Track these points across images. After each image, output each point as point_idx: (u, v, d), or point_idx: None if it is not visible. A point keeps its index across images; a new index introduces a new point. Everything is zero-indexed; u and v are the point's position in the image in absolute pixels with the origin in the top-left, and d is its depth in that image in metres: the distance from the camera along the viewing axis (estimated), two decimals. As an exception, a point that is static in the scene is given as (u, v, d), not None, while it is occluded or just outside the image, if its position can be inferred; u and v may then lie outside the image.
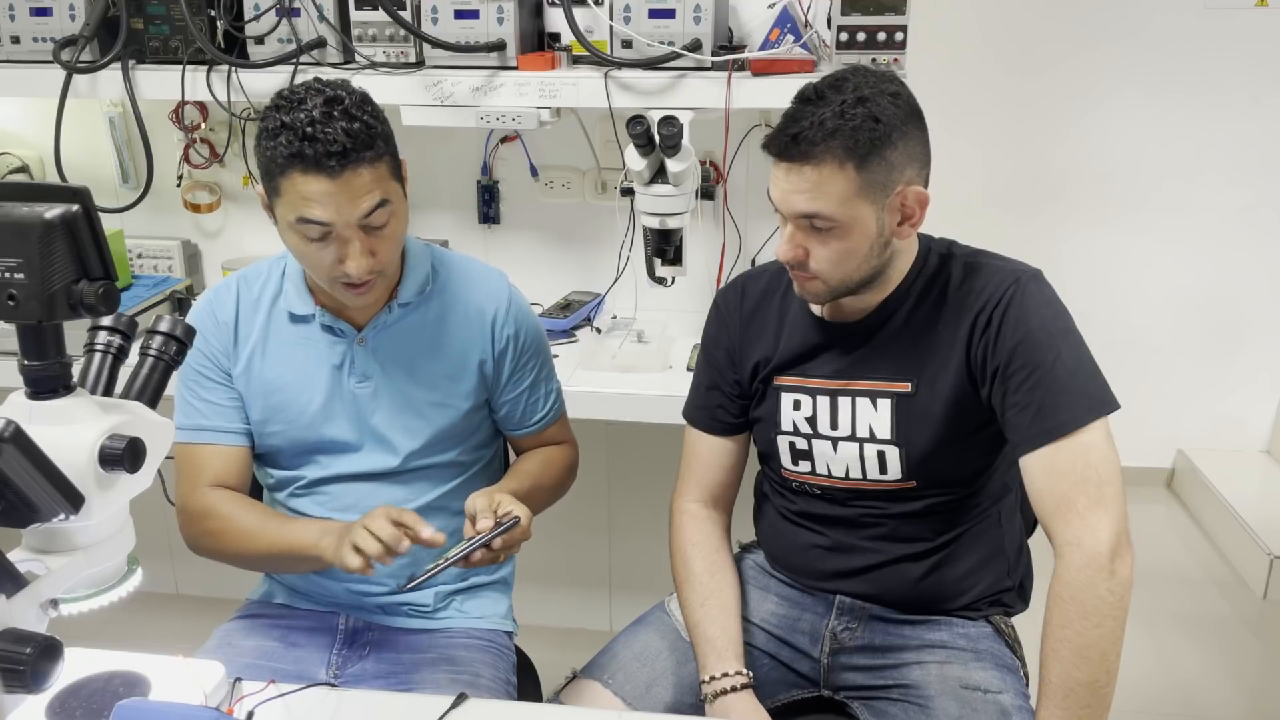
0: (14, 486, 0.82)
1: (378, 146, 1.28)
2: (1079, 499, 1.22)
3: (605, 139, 2.20)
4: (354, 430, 1.46)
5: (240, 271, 1.51)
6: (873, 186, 1.24)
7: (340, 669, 1.45)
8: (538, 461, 1.58)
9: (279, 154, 1.25)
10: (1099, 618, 1.19)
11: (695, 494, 1.52)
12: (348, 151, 1.24)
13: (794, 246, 1.30)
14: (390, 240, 1.34)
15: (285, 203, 1.28)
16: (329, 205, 1.26)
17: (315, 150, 1.23)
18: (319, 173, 1.24)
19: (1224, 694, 2.48)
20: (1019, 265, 1.35)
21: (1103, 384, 1.27)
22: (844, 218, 1.25)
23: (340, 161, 1.24)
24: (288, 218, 1.29)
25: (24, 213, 0.84)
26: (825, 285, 1.32)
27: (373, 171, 1.28)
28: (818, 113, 1.23)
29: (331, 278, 1.33)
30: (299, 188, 1.25)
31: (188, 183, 2.37)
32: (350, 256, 1.30)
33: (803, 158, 1.23)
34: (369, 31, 1.94)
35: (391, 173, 1.32)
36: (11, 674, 0.81)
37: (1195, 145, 3.13)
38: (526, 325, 1.53)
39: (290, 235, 1.32)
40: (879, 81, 1.26)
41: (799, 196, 1.25)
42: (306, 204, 1.26)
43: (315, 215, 1.26)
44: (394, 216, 1.33)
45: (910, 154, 1.26)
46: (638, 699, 1.41)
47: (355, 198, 1.27)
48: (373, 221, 1.30)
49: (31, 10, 1.99)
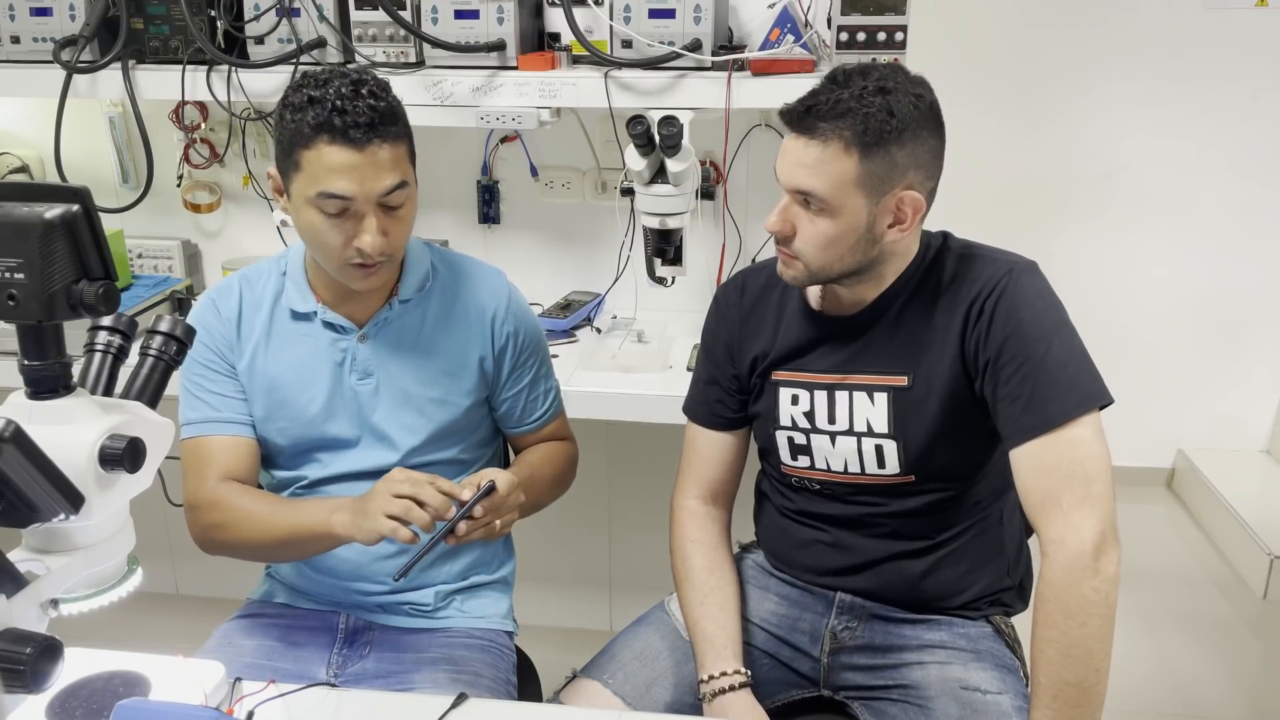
0: (14, 486, 0.82)
1: (400, 126, 1.32)
2: (1065, 495, 1.22)
3: (605, 139, 2.20)
4: (354, 427, 1.46)
5: (241, 271, 1.51)
6: (872, 179, 1.24)
7: (341, 668, 1.45)
8: (538, 454, 1.59)
9: (305, 125, 1.27)
10: (1084, 616, 1.19)
11: (695, 490, 1.52)
12: (374, 125, 1.27)
13: (783, 220, 1.31)
14: (403, 224, 1.36)
15: (306, 176, 1.30)
16: (352, 178, 1.28)
17: (344, 121, 1.26)
18: (345, 144, 1.27)
19: (1224, 694, 2.48)
20: (1013, 256, 1.35)
21: (1094, 377, 1.27)
22: (836, 202, 1.25)
23: (366, 134, 1.27)
24: (307, 192, 1.30)
25: (24, 213, 0.84)
26: (805, 268, 1.32)
27: (394, 150, 1.31)
28: (838, 92, 1.24)
29: (342, 259, 1.34)
30: (324, 158, 1.27)
31: (188, 183, 2.37)
32: (366, 231, 1.31)
33: (810, 131, 1.25)
34: (369, 31, 1.94)
35: (409, 157, 1.35)
36: (11, 674, 0.82)
37: (1195, 144, 3.13)
38: (526, 323, 1.54)
39: (306, 212, 1.32)
40: (908, 81, 1.27)
41: (800, 170, 1.26)
42: (329, 176, 1.28)
43: (338, 188, 1.28)
44: (409, 201, 1.36)
45: (917, 158, 1.26)
46: (638, 699, 1.41)
47: (378, 173, 1.29)
48: (390, 201, 1.32)
49: (31, 10, 1.99)
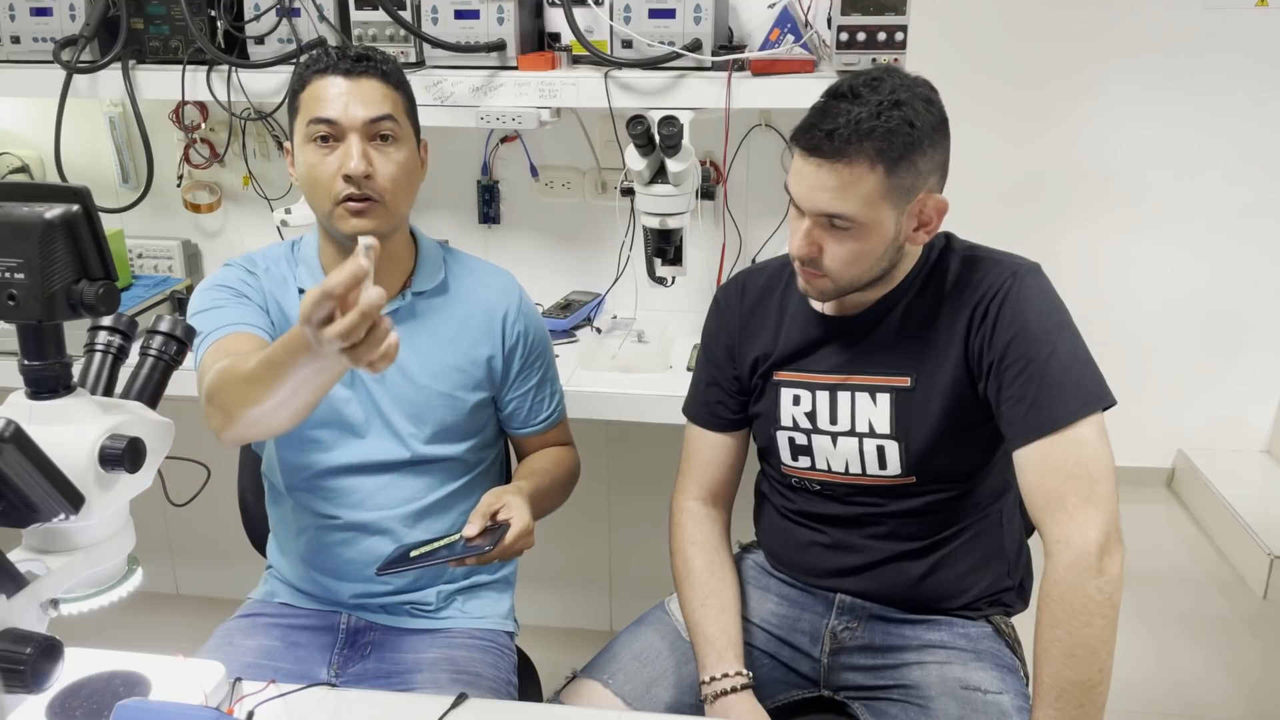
0: (14, 486, 0.82)
1: (395, 75, 1.41)
2: (1069, 496, 1.22)
3: (605, 139, 2.20)
4: (363, 412, 1.47)
5: (255, 251, 1.53)
6: (898, 191, 1.24)
7: (341, 669, 1.45)
8: (549, 459, 1.59)
9: (307, 69, 1.39)
10: (1088, 616, 1.19)
11: (695, 491, 1.52)
12: (366, 61, 1.38)
13: (809, 243, 1.29)
14: (392, 164, 1.39)
15: (303, 113, 1.38)
16: (339, 103, 1.36)
17: (338, 56, 1.38)
18: (337, 74, 1.37)
19: (1224, 694, 2.48)
20: (1017, 259, 1.35)
21: (1098, 379, 1.27)
22: (866, 219, 1.24)
23: (357, 66, 1.37)
24: (302, 129, 1.38)
25: (24, 213, 0.84)
26: (834, 284, 1.31)
27: (385, 88, 1.39)
28: (853, 111, 1.20)
29: (333, 195, 1.37)
30: (316, 91, 1.37)
31: (188, 183, 2.37)
32: (350, 155, 1.35)
33: (835, 155, 1.21)
34: (369, 31, 1.94)
35: (406, 108, 1.42)
36: (11, 674, 0.82)
37: (1195, 144, 3.13)
38: (535, 325, 1.56)
39: (302, 154, 1.39)
40: (914, 85, 1.25)
41: (824, 194, 1.24)
42: (319, 104, 1.36)
43: (325, 113, 1.36)
44: (402, 140, 1.40)
45: (936, 162, 1.26)
46: (638, 699, 1.41)
47: (365, 101, 1.36)
48: (379, 129, 1.37)
49: (31, 10, 1.99)
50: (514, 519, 1.29)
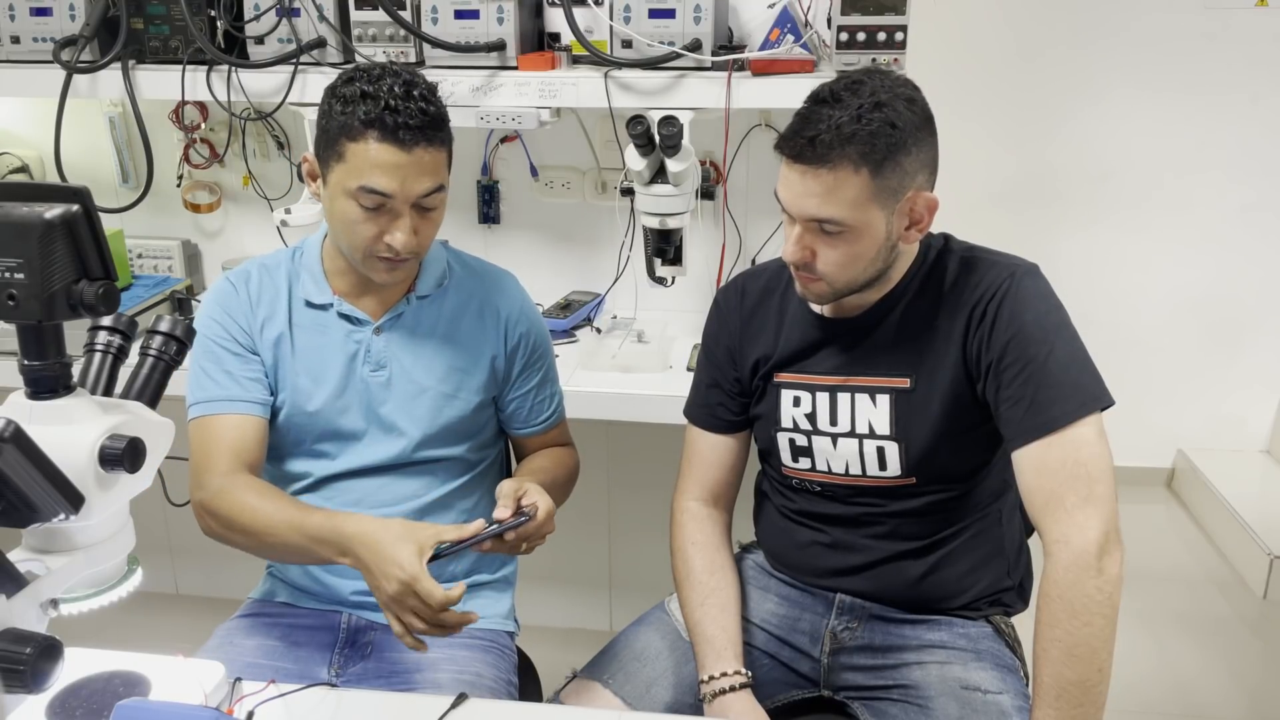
0: (14, 486, 0.82)
1: (445, 133, 1.36)
2: (1068, 496, 1.22)
3: (605, 139, 2.20)
4: (364, 419, 1.47)
5: (256, 258, 1.53)
6: (885, 192, 1.24)
7: (342, 668, 1.45)
8: (549, 459, 1.59)
9: (356, 119, 1.30)
10: (1088, 616, 1.19)
11: (695, 492, 1.52)
12: (424, 129, 1.31)
13: (801, 248, 1.29)
14: (433, 225, 1.40)
15: (348, 168, 1.32)
16: (395, 177, 1.31)
17: (395, 121, 1.29)
18: (394, 143, 1.30)
19: (1224, 694, 2.48)
20: (1015, 260, 1.36)
21: (1096, 379, 1.27)
22: (855, 222, 1.25)
23: (415, 137, 1.30)
24: (346, 183, 1.33)
25: (24, 213, 0.84)
26: (830, 287, 1.32)
27: (437, 156, 1.35)
28: (834, 116, 1.21)
29: (370, 251, 1.37)
30: (371, 154, 1.30)
31: (188, 183, 2.37)
32: (399, 230, 1.35)
33: (818, 161, 1.22)
34: (369, 31, 1.94)
35: (448, 162, 1.39)
36: (11, 674, 0.81)
37: (1195, 144, 3.13)
38: (537, 326, 1.57)
39: (342, 202, 1.35)
40: (895, 86, 1.25)
41: (811, 200, 1.24)
42: (374, 172, 1.31)
43: (379, 185, 1.31)
44: (441, 204, 1.39)
45: (923, 160, 1.26)
46: (638, 699, 1.41)
47: (420, 175, 1.33)
48: (426, 203, 1.36)
49: (31, 10, 1.99)
50: (539, 502, 1.29)
